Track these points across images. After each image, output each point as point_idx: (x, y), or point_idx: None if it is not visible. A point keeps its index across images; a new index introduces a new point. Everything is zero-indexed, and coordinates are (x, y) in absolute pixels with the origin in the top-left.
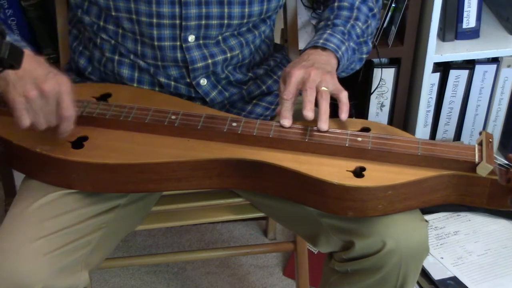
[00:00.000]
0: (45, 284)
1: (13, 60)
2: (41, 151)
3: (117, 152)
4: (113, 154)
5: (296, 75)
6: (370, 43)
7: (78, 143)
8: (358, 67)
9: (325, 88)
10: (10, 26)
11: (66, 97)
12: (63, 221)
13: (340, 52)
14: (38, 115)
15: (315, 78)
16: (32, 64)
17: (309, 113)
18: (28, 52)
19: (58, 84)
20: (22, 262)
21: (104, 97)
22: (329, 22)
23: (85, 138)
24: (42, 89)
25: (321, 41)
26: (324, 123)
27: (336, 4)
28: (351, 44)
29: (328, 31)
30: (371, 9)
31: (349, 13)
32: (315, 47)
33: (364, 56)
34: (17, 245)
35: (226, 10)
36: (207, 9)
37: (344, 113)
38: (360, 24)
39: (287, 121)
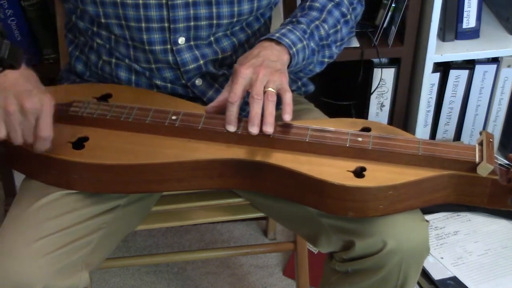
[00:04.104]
0: (45, 285)
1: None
2: (42, 152)
3: (118, 153)
4: (113, 154)
5: (244, 75)
6: (334, 48)
7: (79, 144)
8: (318, 70)
9: (271, 89)
10: (10, 26)
11: (46, 117)
12: (63, 222)
13: (294, 49)
14: (16, 129)
15: (263, 79)
16: (19, 77)
17: (254, 129)
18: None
19: (40, 103)
20: (22, 263)
21: (105, 97)
22: (294, 19)
23: (85, 139)
24: (22, 105)
25: (277, 34)
26: (269, 126)
27: (308, 3)
28: (311, 44)
29: (288, 27)
30: (343, 15)
31: (318, 14)
32: (270, 40)
33: (326, 60)
34: (17, 246)
35: (214, 10)
36: (195, 10)
37: (287, 114)
38: (326, 27)
39: (232, 127)
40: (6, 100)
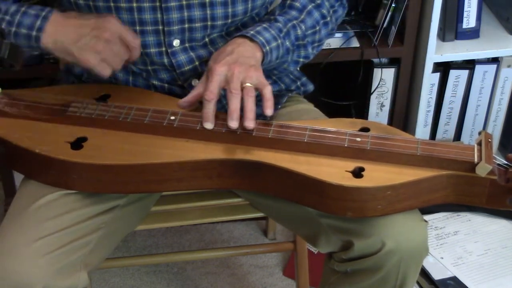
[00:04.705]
0: (44, 284)
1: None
2: (41, 152)
3: (116, 153)
4: (112, 155)
5: (219, 72)
6: (310, 49)
7: (78, 144)
8: (292, 68)
9: (249, 84)
10: None
11: (125, 31)
12: (63, 222)
13: (268, 47)
14: (115, 59)
15: (239, 75)
16: (73, 23)
17: (233, 123)
18: (56, 16)
19: (110, 26)
20: (21, 263)
21: (104, 98)
22: (271, 17)
23: (84, 139)
24: (104, 38)
25: (251, 32)
26: (250, 122)
27: (288, 2)
28: (287, 43)
29: (264, 25)
30: (323, 16)
31: (297, 14)
32: (244, 36)
33: (301, 60)
34: (16, 246)
35: (208, 12)
36: (189, 12)
37: (268, 109)
38: (303, 27)
39: (209, 124)
40: (90, 44)
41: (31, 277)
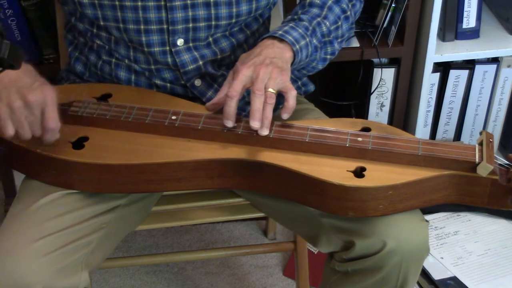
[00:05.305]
0: (45, 284)
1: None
2: (42, 152)
3: (117, 153)
4: (113, 154)
5: (244, 73)
6: (336, 45)
7: (79, 144)
8: (320, 67)
9: (271, 91)
10: (10, 26)
11: (51, 108)
12: (63, 222)
13: (297, 46)
14: (23, 125)
15: (263, 77)
16: (19, 73)
17: (255, 123)
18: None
19: (43, 94)
20: (22, 262)
21: (105, 97)
22: (295, 16)
23: (85, 139)
24: (26, 99)
25: (280, 32)
26: (265, 129)
27: (308, 0)
28: (314, 41)
29: (291, 24)
30: (343, 11)
31: (318, 11)
32: (273, 37)
33: (328, 56)
34: (17, 245)
35: (213, 11)
36: (194, 12)
37: (285, 114)
38: (327, 23)
39: (230, 122)
40: (9, 97)
41: (32, 277)
